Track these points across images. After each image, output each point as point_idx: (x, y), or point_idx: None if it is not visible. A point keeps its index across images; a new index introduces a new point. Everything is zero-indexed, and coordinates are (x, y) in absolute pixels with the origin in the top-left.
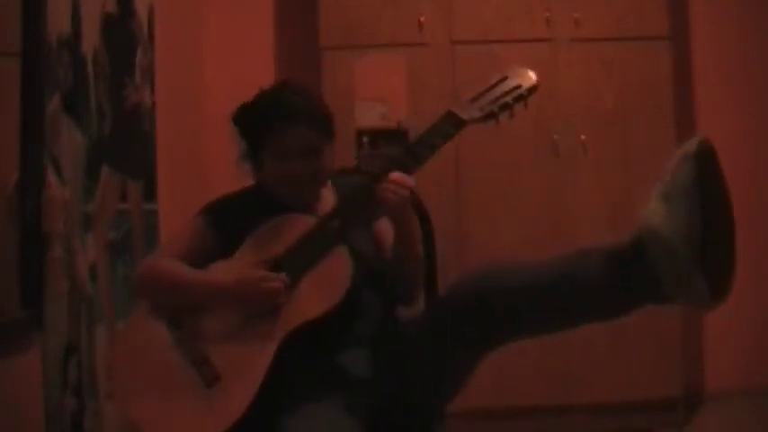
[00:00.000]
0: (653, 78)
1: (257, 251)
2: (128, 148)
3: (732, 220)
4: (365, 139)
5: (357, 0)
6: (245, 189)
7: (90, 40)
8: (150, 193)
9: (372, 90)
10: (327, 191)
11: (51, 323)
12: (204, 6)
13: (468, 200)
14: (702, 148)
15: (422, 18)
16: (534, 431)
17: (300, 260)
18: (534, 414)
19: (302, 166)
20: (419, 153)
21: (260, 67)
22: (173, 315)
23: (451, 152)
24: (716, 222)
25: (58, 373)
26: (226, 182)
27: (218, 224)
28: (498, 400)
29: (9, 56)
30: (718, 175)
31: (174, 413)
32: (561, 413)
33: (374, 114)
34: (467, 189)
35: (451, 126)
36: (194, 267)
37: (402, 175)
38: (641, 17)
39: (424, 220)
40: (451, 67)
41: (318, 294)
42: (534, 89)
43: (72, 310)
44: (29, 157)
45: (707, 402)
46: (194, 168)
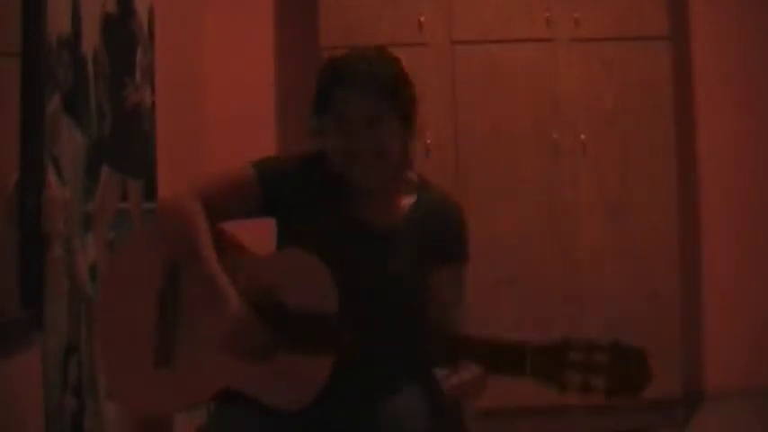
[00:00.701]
0: (653, 78)
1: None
2: (128, 147)
3: None
4: None
5: (357, 0)
6: (305, 156)
7: (90, 40)
8: (150, 192)
9: None
10: (408, 198)
11: (51, 323)
12: (204, 6)
13: (468, 199)
14: None
15: (422, 18)
16: (534, 431)
17: (297, 334)
18: (534, 414)
19: (361, 140)
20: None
21: (260, 67)
22: (177, 261)
23: (452, 152)
24: None
25: (58, 373)
26: None
27: (269, 188)
28: (498, 400)
29: (9, 56)
30: None
31: (124, 365)
32: (561, 413)
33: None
34: (467, 188)
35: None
36: (224, 218)
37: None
38: (641, 17)
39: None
40: (451, 67)
41: (285, 385)
42: (637, 392)
43: (72, 310)
44: (29, 157)
45: (707, 402)
46: (194, 168)
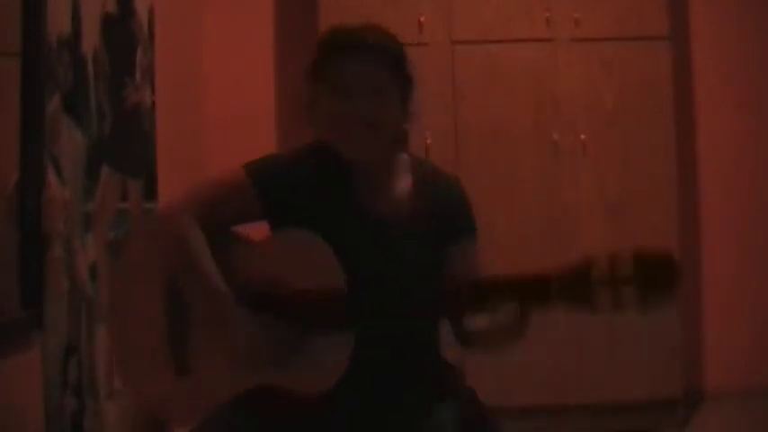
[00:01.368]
0: (653, 78)
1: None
2: (128, 147)
3: None
4: None
5: (357, 0)
6: (297, 151)
7: (90, 40)
8: (150, 192)
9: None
10: (405, 178)
11: (51, 323)
12: (204, 6)
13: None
14: None
15: (422, 18)
16: (534, 431)
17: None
18: (534, 414)
19: (358, 109)
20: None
21: (260, 67)
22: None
23: (452, 152)
24: None
25: (58, 373)
26: None
27: (265, 191)
28: (498, 400)
29: (9, 56)
30: None
31: (141, 369)
32: (561, 413)
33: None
34: (467, 188)
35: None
36: (221, 225)
37: None
38: (641, 17)
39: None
40: (451, 67)
41: (308, 371)
42: (669, 291)
43: (72, 310)
44: (29, 157)
45: (707, 402)
46: (194, 168)
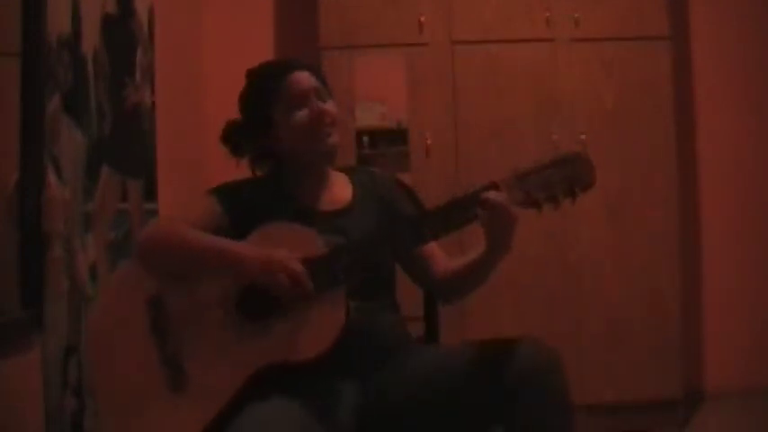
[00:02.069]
0: (653, 78)
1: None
2: (128, 147)
3: None
4: (365, 139)
5: (357, 0)
6: (255, 178)
7: (90, 40)
8: (150, 192)
9: (372, 90)
10: (343, 178)
11: (51, 323)
12: (204, 6)
13: None
14: None
15: (422, 18)
16: None
17: (321, 278)
18: None
19: (320, 107)
20: (449, 220)
21: None
22: (156, 294)
23: (452, 151)
24: None
25: (58, 373)
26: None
27: (229, 206)
28: None
29: (9, 56)
30: None
31: (139, 410)
32: None
33: (374, 114)
34: (467, 188)
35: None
36: None
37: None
38: (641, 17)
39: None
40: (451, 67)
41: (309, 334)
42: (590, 187)
43: (72, 310)
44: (29, 157)
45: (707, 402)
46: (194, 168)
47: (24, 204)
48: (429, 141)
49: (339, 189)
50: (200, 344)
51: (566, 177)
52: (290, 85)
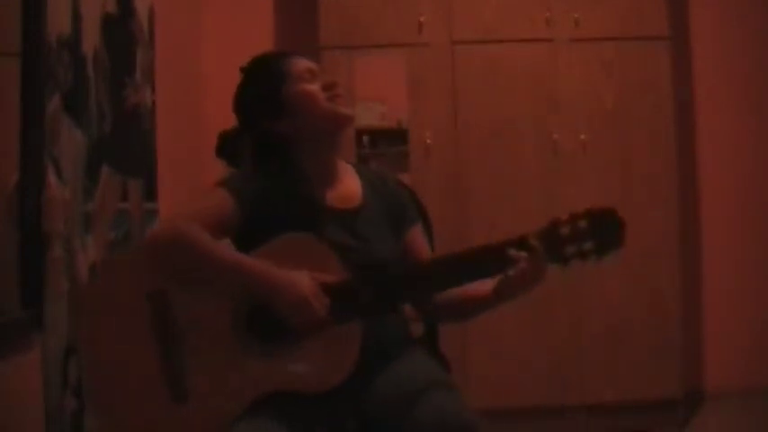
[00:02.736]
0: (653, 78)
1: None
2: (128, 147)
3: None
4: (365, 138)
5: (357, 0)
6: (263, 169)
7: (90, 40)
8: (150, 192)
9: (372, 90)
10: (351, 172)
11: (51, 323)
12: (204, 6)
13: (469, 199)
14: None
15: (422, 18)
16: (534, 431)
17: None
18: (534, 414)
19: (329, 77)
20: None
21: None
22: (160, 289)
23: (452, 151)
24: None
25: (58, 373)
26: None
27: (241, 199)
28: (498, 400)
29: (9, 56)
30: None
31: (136, 416)
32: (561, 413)
33: (374, 114)
34: (467, 188)
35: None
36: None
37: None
38: (641, 17)
39: (423, 218)
40: (451, 67)
41: (322, 365)
42: (619, 248)
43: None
44: (29, 157)
45: (707, 402)
46: (194, 168)
47: (24, 204)
48: (429, 141)
49: (348, 184)
50: (205, 358)
51: (597, 234)
52: (296, 63)
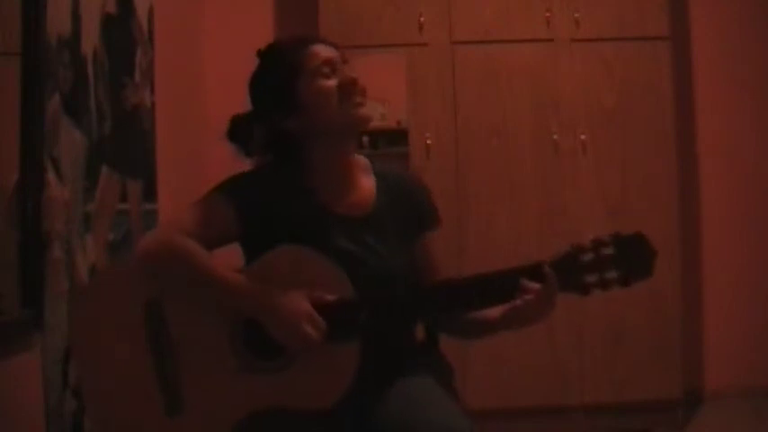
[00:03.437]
0: (653, 78)
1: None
2: (128, 148)
3: None
4: (365, 138)
5: (357, 0)
6: (268, 168)
7: (90, 40)
8: (150, 193)
9: (372, 90)
10: (367, 178)
11: (51, 323)
12: (204, 7)
13: (469, 199)
14: None
15: (422, 18)
16: (534, 431)
17: (336, 325)
18: (534, 414)
19: (348, 73)
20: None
21: None
22: (155, 299)
23: (452, 151)
24: None
25: (58, 373)
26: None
27: (239, 204)
28: (498, 401)
29: (9, 56)
30: None
31: (132, 428)
32: (561, 413)
33: (374, 114)
34: (467, 188)
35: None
36: (206, 248)
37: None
38: (641, 17)
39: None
40: (451, 67)
41: (318, 382)
42: (647, 277)
43: None
44: (29, 157)
45: (706, 403)
46: (194, 168)
47: (24, 204)
48: (429, 141)
49: (361, 188)
50: (200, 371)
51: (622, 263)
52: (315, 54)
